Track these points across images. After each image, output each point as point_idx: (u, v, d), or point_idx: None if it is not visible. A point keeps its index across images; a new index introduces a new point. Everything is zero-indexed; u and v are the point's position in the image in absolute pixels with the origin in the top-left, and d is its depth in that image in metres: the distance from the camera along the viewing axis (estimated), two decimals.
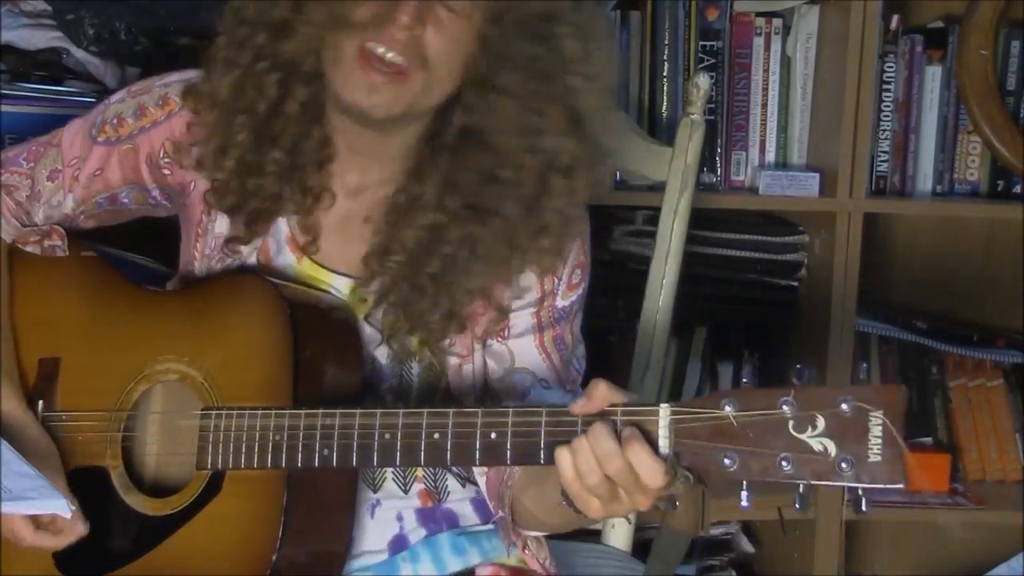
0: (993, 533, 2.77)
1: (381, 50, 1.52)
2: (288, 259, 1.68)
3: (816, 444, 1.26)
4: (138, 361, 1.64)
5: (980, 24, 2.57)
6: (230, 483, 1.55)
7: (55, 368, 1.70)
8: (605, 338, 2.51)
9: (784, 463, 1.27)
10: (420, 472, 1.69)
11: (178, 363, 1.61)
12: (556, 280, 1.66)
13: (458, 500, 1.72)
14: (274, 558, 1.50)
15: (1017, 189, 2.68)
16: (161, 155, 1.70)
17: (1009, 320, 2.83)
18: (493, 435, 1.42)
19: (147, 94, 1.71)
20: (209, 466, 1.56)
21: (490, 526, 1.71)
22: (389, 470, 1.66)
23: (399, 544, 1.68)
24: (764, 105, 2.60)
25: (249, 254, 1.68)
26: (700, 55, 2.55)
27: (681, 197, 2.07)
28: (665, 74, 2.53)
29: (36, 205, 1.75)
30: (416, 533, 1.69)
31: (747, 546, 2.75)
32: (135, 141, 1.70)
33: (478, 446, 1.42)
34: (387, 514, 1.68)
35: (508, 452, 1.41)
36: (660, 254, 2.08)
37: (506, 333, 1.66)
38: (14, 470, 1.57)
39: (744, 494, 1.31)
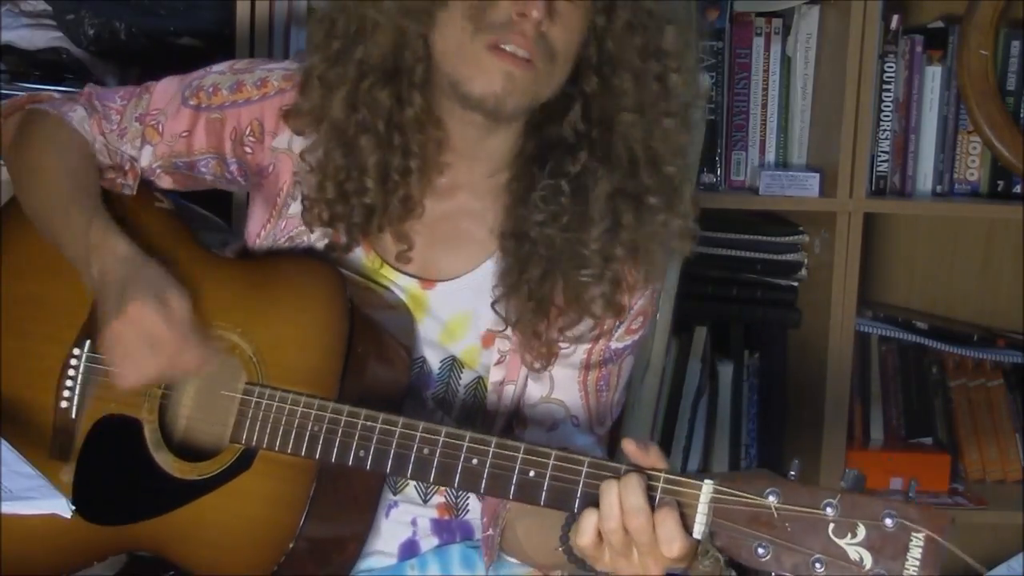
0: (993, 533, 2.77)
1: (511, 47, 1.52)
2: (358, 251, 1.67)
3: (853, 552, 1.25)
4: None
5: (980, 24, 2.57)
6: (261, 462, 1.56)
7: None
8: None
9: (818, 564, 1.25)
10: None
11: (231, 332, 1.61)
12: (617, 322, 1.65)
13: (476, 514, 1.70)
14: (291, 545, 1.50)
15: (1017, 189, 2.68)
16: (248, 132, 1.69)
17: (1009, 320, 2.83)
18: (532, 473, 1.41)
19: (248, 73, 1.71)
20: (243, 441, 1.56)
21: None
22: None
23: (410, 549, 1.68)
24: (764, 105, 2.60)
25: (319, 239, 1.67)
26: (700, 55, 2.54)
27: None
28: None
29: (120, 139, 1.74)
30: (428, 541, 1.68)
31: None
32: (224, 112, 1.70)
33: (514, 481, 1.41)
34: (402, 517, 1.67)
35: (544, 493, 1.40)
36: None
37: (552, 365, 1.65)
38: (14, 470, 1.57)
39: None
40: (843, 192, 2.51)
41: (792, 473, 1.31)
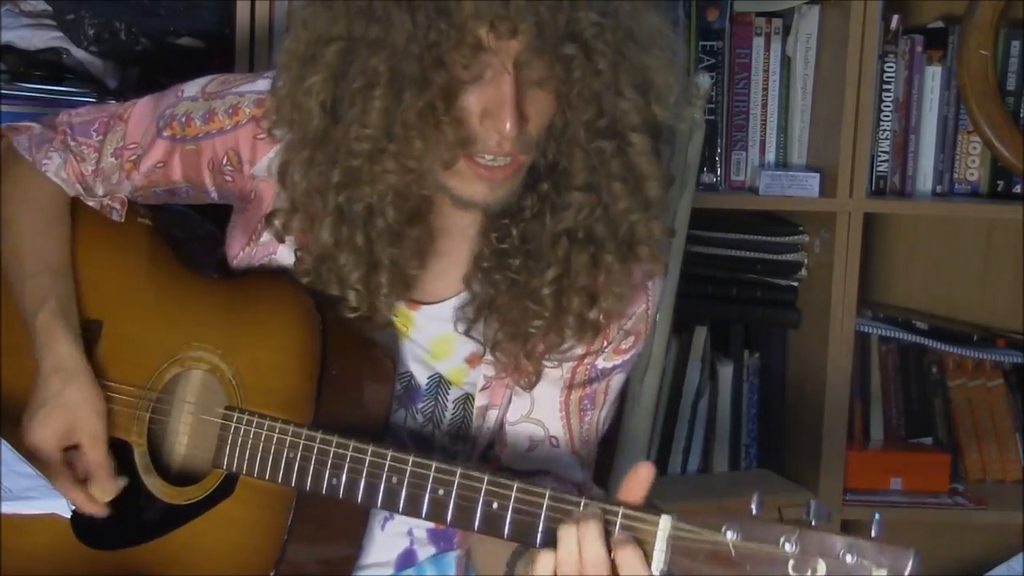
0: (993, 533, 2.77)
1: (489, 158, 1.47)
2: None
3: None
4: (174, 342, 1.63)
5: (980, 24, 2.57)
6: (242, 488, 1.55)
7: (98, 331, 1.69)
8: None
9: None
10: None
11: (211, 354, 1.60)
12: (605, 343, 1.63)
13: None
14: (272, 573, 1.49)
15: (1017, 189, 2.68)
16: (224, 162, 1.66)
17: (1009, 320, 2.84)
18: (495, 505, 1.38)
19: (219, 99, 1.66)
20: (224, 466, 1.56)
21: None
22: None
23: (407, 559, 1.67)
24: (764, 105, 2.60)
25: (289, 256, 1.64)
26: (700, 55, 2.55)
27: (681, 197, 2.07)
28: None
29: (98, 180, 1.72)
30: (426, 550, 1.68)
31: None
32: (199, 144, 1.66)
33: (479, 513, 1.39)
34: (398, 528, 1.66)
35: (507, 526, 1.38)
36: None
37: (535, 380, 1.63)
38: (14, 470, 1.57)
39: None
40: (843, 192, 2.51)
41: (753, 508, 1.27)
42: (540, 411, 1.65)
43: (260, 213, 1.65)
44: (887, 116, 2.61)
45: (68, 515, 1.59)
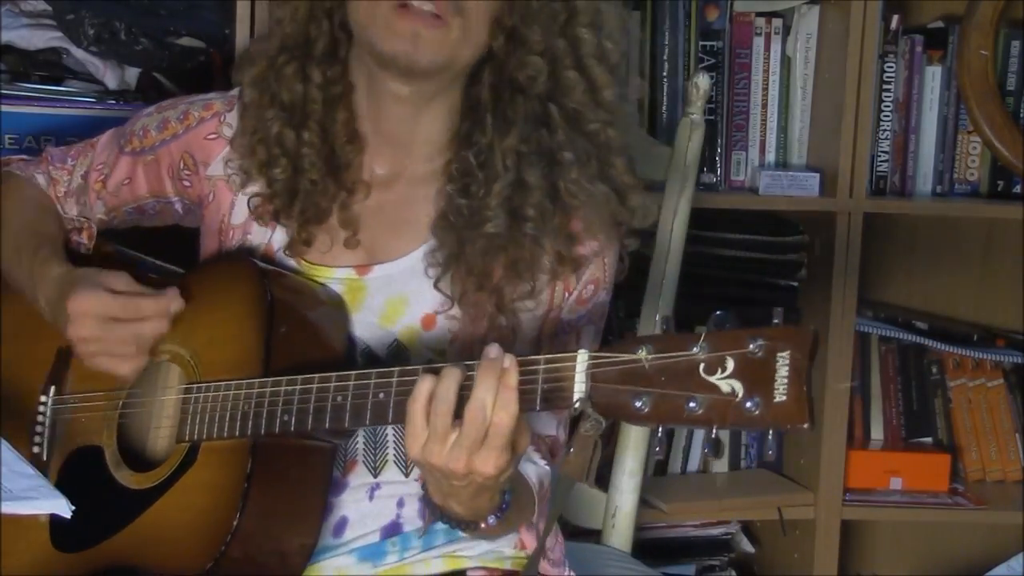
0: (993, 533, 2.77)
1: (416, 2, 1.56)
2: (291, 261, 1.70)
3: (724, 385, 1.24)
4: None
5: (980, 24, 2.57)
6: (203, 454, 1.58)
7: (69, 355, 1.73)
8: (605, 338, 2.50)
9: (691, 403, 1.25)
10: None
11: (171, 343, 1.64)
12: (566, 294, 1.67)
13: None
14: (235, 523, 1.50)
15: (1017, 189, 2.68)
16: (181, 167, 1.76)
17: (1009, 320, 2.84)
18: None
19: (172, 109, 1.78)
20: (187, 438, 1.59)
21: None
22: (391, 450, 1.66)
23: (392, 531, 1.67)
24: (764, 105, 2.60)
25: (280, 238, 1.70)
26: (700, 55, 2.55)
27: (681, 197, 2.08)
28: (665, 74, 2.53)
29: (71, 201, 1.83)
30: (412, 522, 1.67)
31: (747, 546, 2.75)
32: (156, 152, 1.77)
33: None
34: (387, 499, 1.67)
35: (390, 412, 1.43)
36: (660, 254, 2.08)
37: (512, 335, 1.65)
38: (14, 470, 1.57)
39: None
40: (843, 192, 2.51)
41: (664, 327, 1.31)
42: None
43: (221, 213, 1.73)
44: (887, 116, 2.61)
45: (68, 515, 1.59)
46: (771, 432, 1.25)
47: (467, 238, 1.62)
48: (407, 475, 1.66)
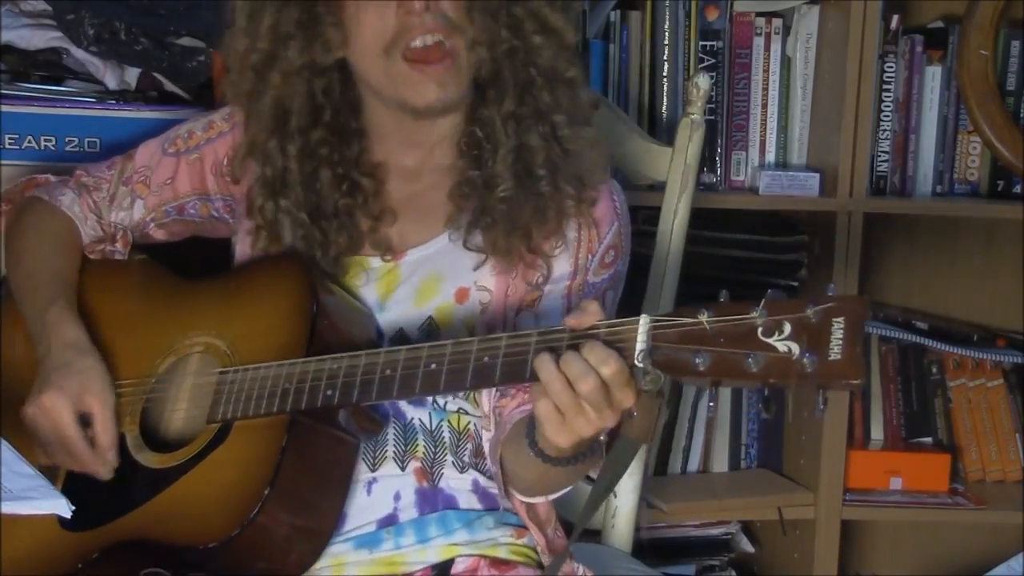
0: (993, 533, 2.77)
1: (418, 42, 1.63)
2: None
3: (782, 346, 1.31)
4: (169, 339, 1.73)
5: (980, 24, 2.57)
6: (235, 432, 1.61)
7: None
8: None
9: (750, 360, 1.32)
10: (420, 451, 1.70)
11: (206, 336, 1.69)
12: (590, 256, 1.74)
13: (457, 485, 1.72)
14: (265, 491, 1.52)
15: (1017, 189, 2.68)
16: (225, 164, 1.82)
17: (1009, 320, 2.84)
18: (485, 358, 1.47)
19: (217, 112, 1.86)
20: (220, 418, 1.62)
21: (484, 512, 1.72)
22: (390, 447, 1.69)
23: (388, 522, 1.69)
24: (764, 105, 2.60)
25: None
26: (700, 55, 2.55)
27: (681, 197, 2.08)
28: (665, 74, 2.53)
29: (110, 207, 1.88)
30: (408, 513, 1.69)
31: (747, 546, 2.75)
32: (201, 151, 1.84)
33: (470, 370, 1.47)
34: (384, 492, 1.69)
35: (497, 372, 1.46)
36: (660, 254, 2.08)
37: (537, 306, 1.72)
38: (14, 470, 1.57)
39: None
40: (843, 192, 2.51)
41: (722, 298, 1.37)
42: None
43: None
44: (887, 116, 2.62)
45: (68, 515, 1.60)
46: (820, 392, 1.31)
47: (486, 200, 1.69)
48: (403, 469, 1.70)
